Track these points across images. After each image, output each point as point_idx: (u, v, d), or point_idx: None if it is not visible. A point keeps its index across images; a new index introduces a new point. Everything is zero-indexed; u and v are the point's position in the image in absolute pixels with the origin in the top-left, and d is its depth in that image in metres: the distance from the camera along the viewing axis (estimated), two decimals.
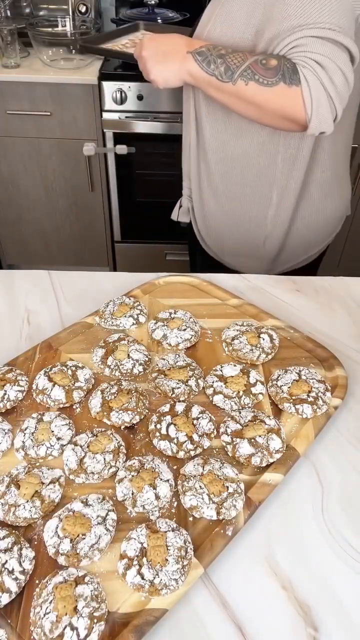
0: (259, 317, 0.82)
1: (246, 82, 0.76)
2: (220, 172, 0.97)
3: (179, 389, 0.68)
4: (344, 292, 0.90)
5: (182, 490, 0.56)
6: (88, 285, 0.90)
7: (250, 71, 0.76)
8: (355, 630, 0.48)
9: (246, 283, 0.92)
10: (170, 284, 0.89)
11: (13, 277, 0.92)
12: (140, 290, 0.87)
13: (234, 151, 0.93)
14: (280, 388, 0.68)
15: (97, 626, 0.45)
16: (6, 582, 0.48)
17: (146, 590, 0.48)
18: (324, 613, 0.49)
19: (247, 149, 0.92)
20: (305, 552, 0.54)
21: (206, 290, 0.88)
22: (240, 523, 0.54)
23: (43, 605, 0.46)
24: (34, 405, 0.67)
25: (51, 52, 1.74)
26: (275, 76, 0.75)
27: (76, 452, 0.59)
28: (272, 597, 0.50)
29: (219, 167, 0.96)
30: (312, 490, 0.60)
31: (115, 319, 0.79)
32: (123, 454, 0.60)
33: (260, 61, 0.75)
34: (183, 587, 0.49)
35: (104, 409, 0.64)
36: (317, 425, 0.65)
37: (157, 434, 0.62)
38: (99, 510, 0.53)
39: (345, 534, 0.55)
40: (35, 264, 2.15)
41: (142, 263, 2.13)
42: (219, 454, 0.62)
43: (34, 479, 0.56)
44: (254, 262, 1.09)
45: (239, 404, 0.66)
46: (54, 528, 0.52)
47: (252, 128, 0.89)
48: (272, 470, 0.59)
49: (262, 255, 1.08)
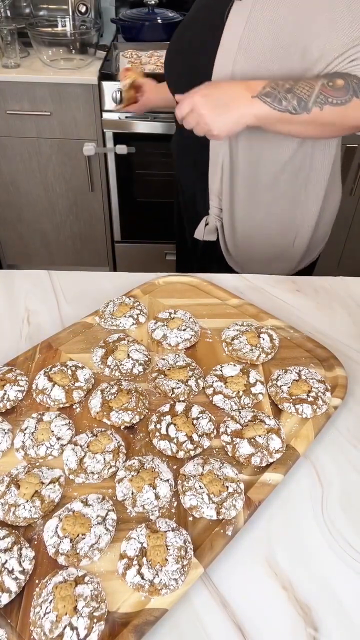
0: (259, 317, 0.82)
1: (321, 108, 0.78)
2: (252, 184, 0.98)
3: (179, 389, 0.68)
4: (344, 292, 0.90)
5: (182, 490, 0.56)
6: (88, 285, 0.90)
7: (322, 96, 0.77)
8: (355, 630, 0.48)
9: (246, 283, 0.92)
10: (170, 284, 0.89)
11: (13, 277, 0.92)
12: (140, 290, 0.87)
13: (268, 160, 0.94)
14: (280, 388, 0.68)
15: (97, 626, 0.45)
16: (6, 582, 0.48)
17: (146, 590, 0.48)
18: (324, 613, 0.49)
19: (281, 156, 0.93)
20: (305, 552, 0.54)
21: (206, 290, 0.88)
22: (240, 523, 0.54)
23: (43, 605, 0.46)
24: (34, 405, 0.67)
25: (51, 52, 1.74)
26: (347, 94, 0.77)
27: (76, 452, 0.59)
28: (272, 597, 0.50)
29: (251, 179, 0.97)
30: (312, 490, 0.60)
31: (115, 319, 0.79)
32: (123, 453, 0.60)
33: (327, 84, 0.78)
34: (183, 587, 0.49)
35: (104, 409, 0.64)
36: (317, 425, 0.65)
37: (157, 434, 0.62)
38: (98, 510, 0.53)
39: (345, 533, 0.55)
40: (35, 264, 2.15)
41: (142, 263, 2.13)
42: (218, 453, 0.62)
43: (34, 479, 0.56)
44: (283, 264, 1.10)
45: (238, 404, 0.66)
46: (54, 528, 0.52)
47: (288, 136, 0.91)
48: (272, 470, 0.59)
49: (291, 257, 1.09)
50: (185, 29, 0.96)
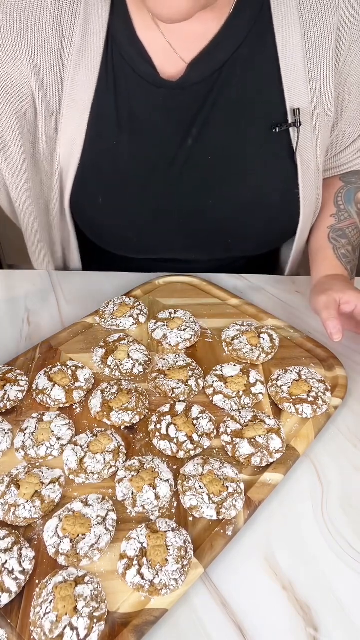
0: (259, 317, 0.82)
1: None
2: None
3: (179, 389, 0.68)
4: None
5: (182, 490, 0.56)
6: (88, 285, 0.90)
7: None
8: (355, 630, 0.48)
9: (246, 283, 0.92)
10: (170, 284, 0.89)
11: (13, 277, 0.92)
12: (140, 290, 0.87)
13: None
14: (280, 388, 0.68)
15: (97, 626, 0.45)
16: (6, 582, 0.48)
17: (146, 590, 0.48)
18: (324, 613, 0.49)
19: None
20: (305, 552, 0.54)
21: (206, 290, 0.88)
22: (240, 523, 0.54)
23: (43, 605, 0.46)
24: (34, 405, 0.67)
25: None
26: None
27: (76, 452, 0.59)
28: (272, 597, 0.50)
29: None
30: (312, 490, 0.60)
31: (115, 319, 0.79)
32: (123, 454, 0.60)
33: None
34: (183, 587, 0.49)
35: (104, 409, 0.64)
36: (317, 425, 0.65)
37: (157, 434, 0.62)
38: (99, 510, 0.53)
39: (345, 533, 0.55)
40: None
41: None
42: (219, 454, 0.62)
43: (34, 479, 0.56)
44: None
45: (239, 404, 0.66)
46: (54, 528, 0.52)
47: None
48: (272, 470, 0.59)
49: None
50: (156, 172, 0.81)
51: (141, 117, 0.76)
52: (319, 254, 0.86)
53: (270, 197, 0.83)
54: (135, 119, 0.76)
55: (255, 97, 0.75)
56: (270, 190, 0.82)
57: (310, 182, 0.82)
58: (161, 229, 0.86)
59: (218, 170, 0.80)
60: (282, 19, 0.71)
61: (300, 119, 0.75)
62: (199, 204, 0.83)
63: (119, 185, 0.81)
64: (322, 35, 0.72)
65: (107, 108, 0.75)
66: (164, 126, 0.77)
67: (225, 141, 0.78)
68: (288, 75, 0.74)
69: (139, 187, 0.82)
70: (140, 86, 0.74)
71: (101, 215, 0.85)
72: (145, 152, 0.79)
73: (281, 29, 0.72)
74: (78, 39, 0.70)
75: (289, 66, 0.73)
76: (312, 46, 0.72)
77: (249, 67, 0.74)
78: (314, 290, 0.80)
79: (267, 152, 0.79)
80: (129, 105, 0.75)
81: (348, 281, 0.81)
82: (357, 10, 0.72)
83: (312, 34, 0.72)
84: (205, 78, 0.74)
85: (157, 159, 0.79)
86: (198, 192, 0.82)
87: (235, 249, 0.92)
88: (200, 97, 0.75)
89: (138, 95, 0.75)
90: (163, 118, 0.76)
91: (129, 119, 0.76)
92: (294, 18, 0.71)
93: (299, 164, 0.80)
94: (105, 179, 0.81)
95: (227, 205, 0.83)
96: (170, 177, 0.81)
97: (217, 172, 0.80)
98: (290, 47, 0.72)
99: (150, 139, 0.78)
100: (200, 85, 0.74)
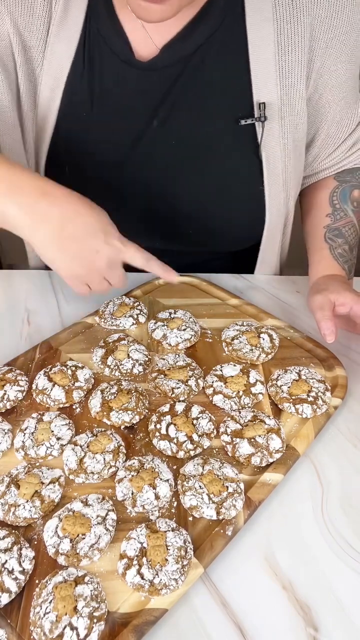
0: (259, 317, 0.82)
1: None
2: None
3: (179, 389, 0.68)
4: None
5: (182, 490, 0.56)
6: None
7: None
8: (355, 630, 0.48)
9: (246, 283, 0.92)
10: (170, 284, 0.89)
11: (13, 277, 0.92)
12: (140, 290, 0.87)
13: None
14: (280, 388, 0.68)
15: (97, 626, 0.45)
16: (6, 582, 0.48)
17: (146, 590, 0.48)
18: (324, 613, 0.49)
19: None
20: (305, 552, 0.54)
21: (206, 290, 0.88)
22: (240, 523, 0.54)
23: (43, 605, 0.46)
24: (34, 405, 0.67)
25: None
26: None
27: (76, 452, 0.59)
28: (272, 597, 0.50)
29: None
30: (312, 490, 0.59)
31: (115, 319, 0.79)
32: (123, 454, 0.60)
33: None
34: (183, 587, 0.49)
35: (104, 409, 0.64)
36: (317, 425, 0.65)
37: (157, 434, 0.62)
38: (98, 510, 0.53)
39: (345, 534, 0.55)
40: None
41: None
42: (218, 453, 0.62)
43: (34, 479, 0.56)
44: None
45: (238, 404, 0.66)
46: (54, 528, 0.52)
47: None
48: (272, 470, 0.59)
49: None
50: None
51: (112, 94, 0.77)
52: (315, 254, 0.86)
53: (234, 190, 0.83)
54: (106, 94, 0.78)
55: (224, 87, 0.76)
56: (233, 183, 0.82)
57: (277, 181, 0.82)
58: (125, 211, 0.85)
59: (182, 156, 0.81)
60: (255, 13, 0.72)
61: (266, 114, 0.75)
62: (162, 190, 0.84)
63: (87, 159, 0.82)
64: (295, 33, 0.72)
65: (81, 81, 0.77)
66: (133, 105, 0.78)
67: (190, 127, 0.78)
68: (257, 68, 0.74)
69: (106, 165, 0.83)
70: (113, 63, 0.76)
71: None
72: (113, 128, 0.80)
73: (254, 22, 0.72)
74: (60, 9, 0.72)
75: (259, 60, 0.73)
76: (284, 42, 0.72)
77: (219, 57, 0.74)
78: (311, 290, 0.80)
79: (233, 144, 0.79)
80: (102, 81, 0.77)
81: (345, 281, 0.81)
82: (332, 12, 0.72)
83: (286, 30, 0.72)
84: (176, 62, 0.74)
85: (124, 138, 0.80)
86: (161, 177, 0.83)
87: (205, 241, 0.91)
88: (169, 80, 0.76)
89: (111, 73, 0.76)
90: (133, 97, 0.77)
91: (100, 94, 0.78)
92: (268, 12, 0.71)
93: (264, 159, 0.80)
94: (74, 151, 0.82)
95: (190, 194, 0.84)
96: (135, 158, 0.82)
97: (181, 158, 0.81)
98: (262, 41, 0.72)
99: (119, 116, 0.79)
100: (171, 69, 0.75)
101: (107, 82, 0.77)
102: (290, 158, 0.81)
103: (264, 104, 0.75)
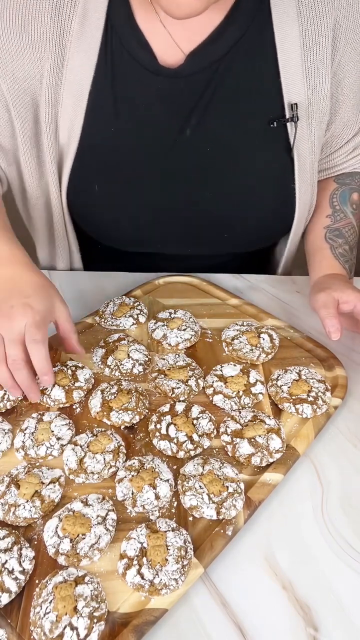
0: (259, 317, 0.82)
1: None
2: None
3: (179, 389, 0.68)
4: None
5: (182, 490, 0.56)
6: (88, 285, 0.90)
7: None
8: (355, 630, 0.48)
9: (246, 283, 0.92)
10: (170, 284, 0.89)
11: None
12: (140, 290, 0.87)
13: None
14: (280, 388, 0.68)
15: (97, 626, 0.45)
16: (6, 582, 0.48)
17: (146, 590, 0.48)
18: (324, 613, 0.49)
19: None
20: (305, 552, 0.54)
21: (206, 290, 0.88)
22: (240, 523, 0.54)
23: (43, 605, 0.46)
24: (34, 405, 0.67)
25: None
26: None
27: (76, 452, 0.59)
28: (272, 597, 0.50)
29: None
30: (312, 490, 0.59)
31: (115, 319, 0.79)
32: (123, 453, 0.60)
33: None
34: (183, 587, 0.49)
35: (104, 409, 0.64)
36: (317, 425, 0.65)
37: (157, 434, 0.62)
38: (98, 510, 0.53)
39: (345, 534, 0.55)
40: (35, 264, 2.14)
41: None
42: (219, 453, 0.62)
43: (34, 479, 0.56)
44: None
45: (239, 404, 0.66)
46: (54, 528, 0.52)
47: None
48: (272, 470, 0.59)
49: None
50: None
51: (139, 105, 0.76)
52: (316, 254, 0.86)
53: (267, 191, 0.83)
54: (133, 106, 0.76)
55: (253, 90, 0.76)
56: (267, 184, 0.82)
57: (306, 178, 0.83)
58: (156, 220, 0.86)
59: (215, 161, 0.80)
60: (281, 15, 0.72)
61: (298, 114, 0.76)
62: (195, 195, 0.83)
63: (115, 174, 0.81)
64: (319, 33, 0.73)
65: (104, 94, 0.75)
66: (162, 115, 0.77)
67: (224, 132, 0.78)
68: (286, 70, 0.74)
69: (136, 176, 0.82)
70: (138, 73, 0.74)
71: (97, 205, 0.85)
72: (143, 141, 0.79)
73: (280, 24, 0.72)
74: (76, 26, 0.71)
75: (287, 61, 0.73)
76: (309, 42, 0.73)
77: (248, 60, 0.74)
78: (313, 289, 0.80)
79: (265, 145, 0.80)
80: (126, 92, 0.76)
81: (347, 280, 0.82)
82: (353, 11, 0.73)
83: (310, 30, 0.72)
84: (204, 68, 0.74)
85: (155, 148, 0.79)
86: (195, 183, 0.82)
87: (231, 243, 0.91)
88: (199, 86, 0.75)
89: (136, 83, 0.75)
90: (161, 106, 0.76)
91: (126, 107, 0.76)
92: (293, 14, 0.72)
93: (295, 159, 0.80)
94: (102, 167, 0.81)
95: (224, 198, 0.83)
96: (166, 168, 0.81)
97: (215, 164, 0.80)
98: (289, 43, 0.73)
99: (147, 127, 0.78)
100: (199, 75, 0.74)
101: (133, 93, 0.76)
102: (315, 154, 0.82)
103: (296, 104, 0.75)
